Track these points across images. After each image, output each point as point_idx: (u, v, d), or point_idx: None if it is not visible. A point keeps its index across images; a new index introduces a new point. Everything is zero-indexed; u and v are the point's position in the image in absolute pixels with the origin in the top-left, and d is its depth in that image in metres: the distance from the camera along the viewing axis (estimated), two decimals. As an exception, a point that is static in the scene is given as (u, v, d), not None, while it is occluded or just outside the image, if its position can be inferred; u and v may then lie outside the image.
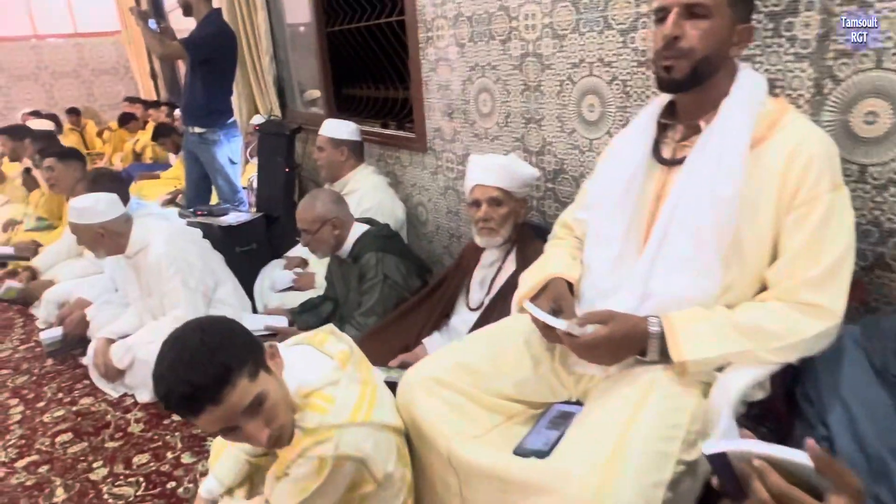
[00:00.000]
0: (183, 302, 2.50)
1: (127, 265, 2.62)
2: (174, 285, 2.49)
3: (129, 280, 2.65)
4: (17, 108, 9.23)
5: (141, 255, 2.53)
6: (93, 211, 2.43)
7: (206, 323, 1.20)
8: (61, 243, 3.69)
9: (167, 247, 2.49)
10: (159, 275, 2.49)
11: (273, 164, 3.47)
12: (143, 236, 2.52)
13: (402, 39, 3.13)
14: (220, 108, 3.62)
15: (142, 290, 2.60)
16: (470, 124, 2.55)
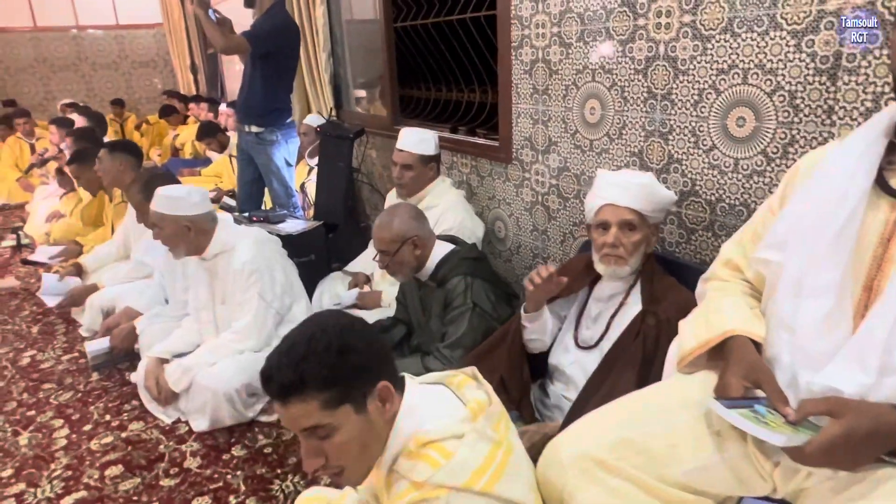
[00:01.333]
0: (250, 315, 2.30)
1: (201, 267, 2.41)
2: (250, 296, 2.29)
3: (200, 283, 2.44)
4: (56, 98, 9.19)
5: (222, 258, 2.33)
6: (185, 203, 2.25)
7: (341, 324, 1.11)
8: (111, 245, 3.48)
9: (254, 255, 2.30)
10: (238, 283, 2.29)
11: (334, 169, 3.23)
12: (228, 239, 2.33)
13: (474, 37, 2.87)
14: (280, 106, 3.39)
15: (214, 296, 2.40)
16: (570, 134, 2.27)
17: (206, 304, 2.44)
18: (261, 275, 2.31)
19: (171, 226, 2.26)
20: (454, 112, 3.43)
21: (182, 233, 2.26)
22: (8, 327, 3.30)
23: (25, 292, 3.82)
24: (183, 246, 2.31)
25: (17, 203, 6.29)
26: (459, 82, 3.34)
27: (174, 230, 2.26)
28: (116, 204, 3.70)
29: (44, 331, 3.23)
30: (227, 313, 2.38)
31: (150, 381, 2.34)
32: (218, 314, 2.39)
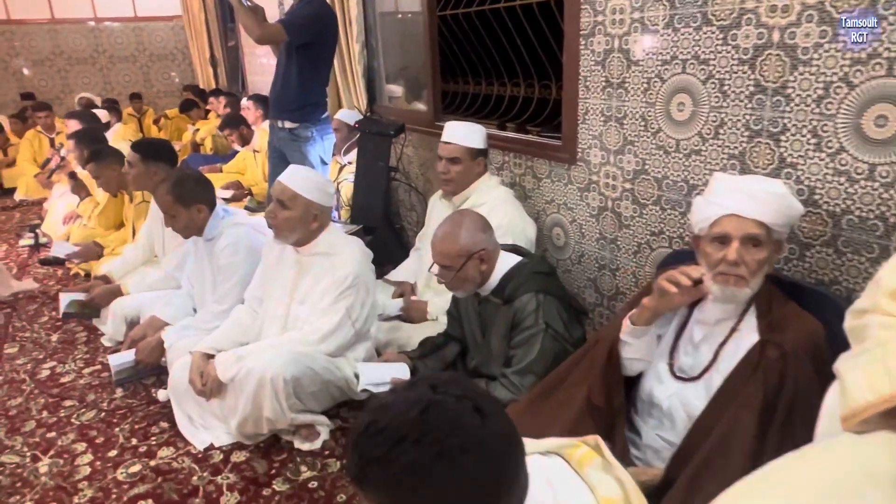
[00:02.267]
0: (332, 325, 2.12)
1: (291, 260, 2.25)
2: (338, 308, 2.12)
3: (284, 277, 2.26)
4: (73, 91, 9.02)
5: (321, 260, 2.18)
6: (322, 191, 2.17)
7: (477, 436, 0.74)
8: (136, 248, 3.28)
9: (361, 269, 2.15)
10: (332, 290, 2.13)
11: (373, 169, 3.00)
12: (335, 242, 2.20)
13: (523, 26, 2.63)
14: (316, 100, 3.16)
15: (294, 294, 2.23)
16: (652, 133, 2.02)
17: (283, 300, 2.24)
18: (357, 291, 2.15)
19: (300, 208, 2.11)
20: (497, 108, 3.19)
21: (306, 219, 2.13)
22: (26, 335, 3.11)
23: (44, 296, 3.63)
24: (299, 233, 2.16)
25: (35, 199, 6.12)
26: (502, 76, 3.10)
27: (301, 214, 2.12)
28: (137, 204, 3.50)
29: (64, 339, 3.04)
30: (303, 315, 2.19)
31: (194, 373, 2.16)
32: (292, 313, 2.21)
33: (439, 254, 1.91)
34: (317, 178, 2.21)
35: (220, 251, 2.49)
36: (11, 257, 4.43)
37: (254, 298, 2.37)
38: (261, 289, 2.35)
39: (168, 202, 2.43)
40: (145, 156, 3.01)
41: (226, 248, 2.47)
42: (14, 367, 2.78)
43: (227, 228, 2.53)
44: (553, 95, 2.81)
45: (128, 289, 3.00)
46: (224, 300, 2.48)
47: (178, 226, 2.49)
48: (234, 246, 2.48)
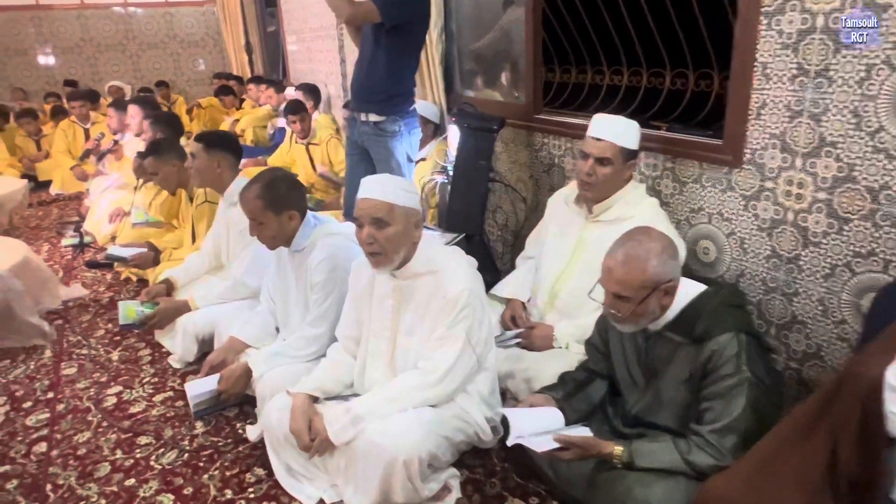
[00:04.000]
0: (453, 357, 1.77)
1: (388, 287, 1.88)
2: (456, 333, 1.76)
3: (382, 307, 1.90)
4: (103, 79, 8.75)
5: (424, 281, 1.82)
6: (411, 194, 1.82)
7: None
8: (203, 255, 2.95)
9: (472, 284, 1.80)
10: (445, 314, 1.77)
11: (474, 168, 2.63)
12: (436, 258, 1.83)
13: (641, 8, 2.26)
14: (405, 90, 2.80)
15: (399, 325, 1.88)
16: (868, 133, 1.64)
17: (385, 334, 1.89)
18: (473, 310, 1.78)
19: (401, 220, 1.74)
20: (607, 100, 2.82)
21: (409, 231, 1.77)
22: (83, 352, 2.80)
23: (96, 304, 3.33)
24: (405, 249, 1.79)
25: (71, 193, 5.84)
26: (620, 62, 2.73)
27: (405, 227, 1.75)
28: (199, 204, 3.16)
29: (126, 359, 2.72)
30: (413, 347, 1.84)
31: (298, 422, 1.78)
32: (399, 347, 1.86)
33: (618, 282, 1.54)
34: (401, 182, 1.85)
35: (313, 266, 2.15)
36: (55, 258, 4.14)
37: (348, 338, 2.01)
38: (355, 326, 1.99)
39: (257, 207, 2.10)
40: (209, 145, 2.69)
41: (321, 263, 2.13)
42: (76, 392, 2.47)
43: (320, 239, 2.18)
44: (691, 86, 2.43)
45: (196, 302, 2.67)
46: (319, 323, 2.15)
47: (266, 234, 2.15)
48: (331, 260, 2.13)
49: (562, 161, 2.82)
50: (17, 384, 2.55)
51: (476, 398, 1.90)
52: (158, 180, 3.26)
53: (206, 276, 2.98)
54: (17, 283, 2.73)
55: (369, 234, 1.74)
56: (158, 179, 3.25)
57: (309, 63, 5.94)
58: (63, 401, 2.40)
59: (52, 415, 2.31)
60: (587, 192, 2.12)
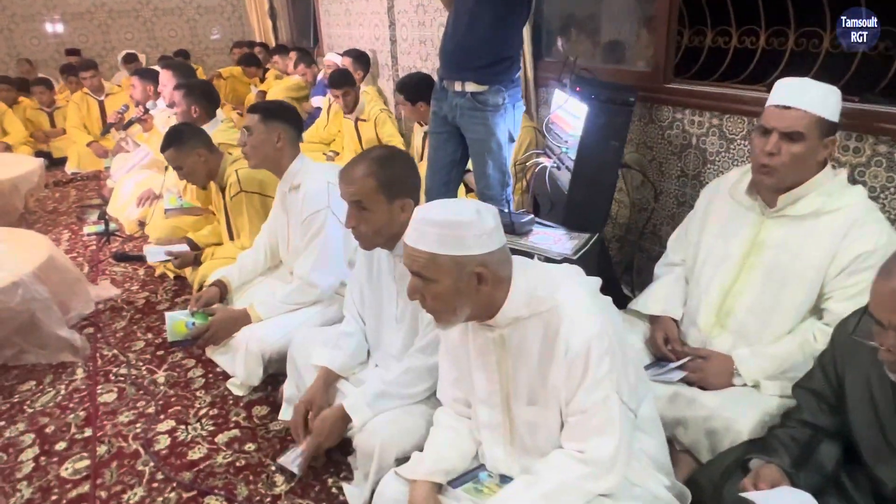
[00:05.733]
0: (613, 437, 1.23)
1: (487, 340, 1.33)
2: (601, 395, 1.22)
3: (485, 365, 1.36)
4: (115, 48, 8.20)
5: (536, 328, 1.27)
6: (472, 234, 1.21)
7: None
8: (257, 252, 2.46)
9: (604, 325, 1.24)
10: (576, 373, 1.22)
11: (603, 152, 2.11)
12: (534, 293, 1.26)
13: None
14: (513, 54, 2.28)
15: (513, 389, 1.34)
16: None
17: (495, 400, 1.38)
18: (613, 357, 1.24)
19: (449, 277, 1.19)
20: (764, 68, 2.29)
21: (470, 289, 1.21)
22: (121, 371, 2.33)
23: (130, 307, 2.85)
24: (469, 307, 1.25)
25: (89, 172, 5.35)
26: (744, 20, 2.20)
27: (455, 284, 1.20)
28: (233, 196, 2.62)
29: (175, 381, 2.25)
30: (541, 420, 1.33)
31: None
32: (519, 418, 1.34)
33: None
34: (456, 219, 1.19)
35: None
36: (77, 249, 3.65)
37: (456, 402, 1.49)
38: (460, 386, 1.47)
39: (368, 188, 1.57)
40: (267, 115, 2.19)
41: None
42: (118, 428, 2.00)
43: None
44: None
45: (258, 312, 2.19)
46: (433, 350, 1.65)
47: (368, 227, 1.62)
48: None
49: (702, 141, 2.30)
50: (45, 415, 2.09)
51: (645, 461, 1.40)
52: (184, 174, 2.71)
53: (261, 277, 2.50)
54: (41, 289, 2.25)
55: (415, 289, 1.25)
56: (184, 174, 2.69)
57: (347, 28, 5.36)
58: (104, 441, 1.94)
59: (93, 462, 1.85)
60: (767, 178, 1.59)
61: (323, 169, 2.28)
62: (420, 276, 1.22)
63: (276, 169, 2.27)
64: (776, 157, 1.54)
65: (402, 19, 4.29)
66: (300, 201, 2.18)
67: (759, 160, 1.58)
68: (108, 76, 7.28)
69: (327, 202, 2.14)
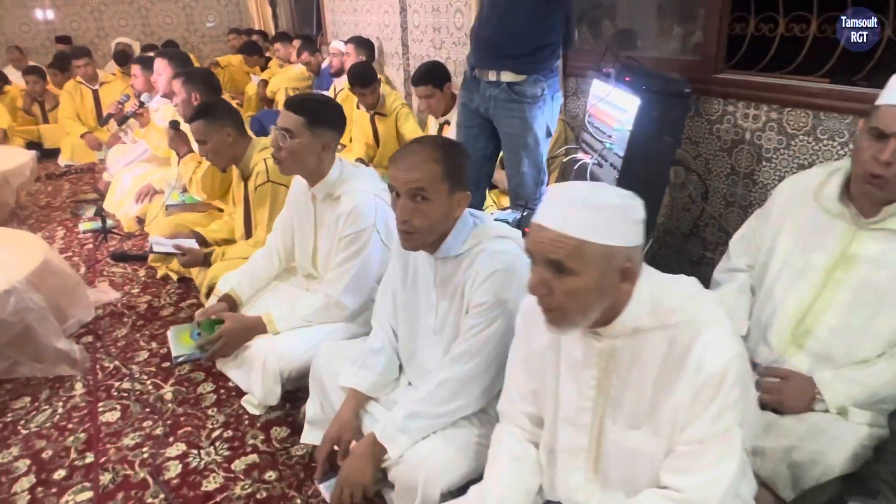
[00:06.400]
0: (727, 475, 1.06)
1: (593, 350, 1.14)
2: (724, 429, 1.05)
3: (573, 378, 1.18)
4: (109, 35, 7.95)
5: (655, 339, 1.09)
6: (624, 219, 1.07)
7: None
8: (270, 255, 2.26)
9: (738, 346, 1.07)
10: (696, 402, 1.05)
11: (656, 149, 1.93)
12: (662, 307, 1.09)
13: None
14: (554, 41, 2.09)
15: (624, 407, 1.14)
16: None
17: (583, 419, 1.18)
18: (744, 387, 1.05)
19: (597, 270, 1.01)
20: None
21: (611, 284, 1.03)
22: (124, 385, 2.14)
23: (131, 312, 2.65)
24: (598, 309, 1.06)
25: (83, 164, 5.13)
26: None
27: (598, 281, 1.01)
28: (259, 185, 2.44)
29: (183, 398, 2.06)
30: (643, 447, 1.14)
31: None
32: (611, 443, 1.15)
33: None
34: (612, 198, 1.03)
35: (476, 282, 1.45)
36: (72, 247, 3.44)
37: (523, 416, 1.31)
38: (535, 401, 1.29)
39: (433, 175, 1.37)
40: (313, 120, 1.89)
41: (489, 280, 1.42)
42: (123, 453, 1.81)
43: (483, 245, 1.49)
44: None
45: (276, 325, 2.00)
46: (468, 358, 1.45)
47: (426, 220, 1.39)
48: (504, 277, 1.44)
49: (757, 137, 2.12)
50: (42, 437, 1.89)
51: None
52: (207, 151, 2.48)
53: (274, 281, 2.31)
54: (36, 298, 2.05)
55: (542, 282, 1.05)
56: (207, 150, 2.47)
57: (354, 14, 5.14)
58: (108, 468, 1.75)
59: (96, 493, 1.66)
60: (877, 191, 1.40)
61: (365, 177, 2.03)
62: (559, 266, 1.01)
63: (311, 177, 1.99)
64: (893, 167, 1.34)
65: (414, 5, 4.08)
66: (343, 216, 1.92)
67: (869, 168, 1.37)
68: (101, 64, 7.03)
69: (373, 219, 1.93)
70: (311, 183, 2.00)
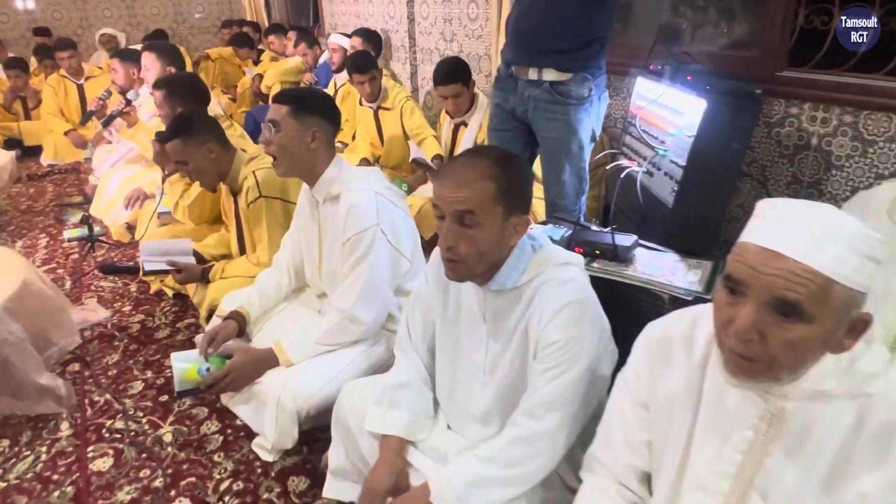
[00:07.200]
0: None
1: (761, 415, 0.90)
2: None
3: (734, 445, 0.92)
4: (93, 26, 7.61)
5: (843, 409, 0.86)
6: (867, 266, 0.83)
7: None
8: (279, 274, 2.02)
9: None
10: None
11: (722, 157, 1.70)
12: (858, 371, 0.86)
13: None
14: (603, 35, 1.85)
15: (789, 486, 0.90)
16: None
17: (722, 487, 0.93)
18: None
19: (831, 318, 0.79)
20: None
21: (836, 342, 0.82)
22: (117, 425, 1.89)
23: (123, 334, 2.40)
24: (808, 366, 0.84)
25: (67, 164, 4.84)
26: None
27: (832, 332, 0.80)
28: (252, 202, 2.17)
29: (185, 440, 1.81)
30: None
31: None
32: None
33: None
34: (858, 229, 0.79)
35: (545, 319, 1.19)
36: (57, 257, 3.17)
37: (629, 470, 1.07)
38: (650, 454, 1.05)
39: (485, 195, 1.13)
40: (297, 108, 1.72)
41: (563, 314, 1.19)
42: (118, 511, 1.57)
43: (549, 274, 1.24)
44: None
45: (289, 356, 1.76)
46: (545, 414, 1.20)
47: (472, 249, 1.16)
48: (578, 310, 1.20)
49: (826, 142, 1.90)
50: (23, 492, 1.64)
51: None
52: (190, 171, 2.21)
53: (283, 303, 2.07)
54: (14, 328, 1.79)
55: (757, 325, 0.81)
56: (189, 170, 2.20)
57: (355, 5, 4.87)
58: (100, 530, 1.51)
59: (87, 566, 1.42)
60: None
61: (365, 176, 1.85)
62: (792, 309, 0.78)
63: (308, 175, 1.81)
64: None
65: (422, -6, 3.83)
66: (341, 217, 1.74)
67: None
68: (85, 57, 6.71)
69: (376, 218, 1.71)
70: (311, 183, 1.81)
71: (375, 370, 1.76)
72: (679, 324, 1.02)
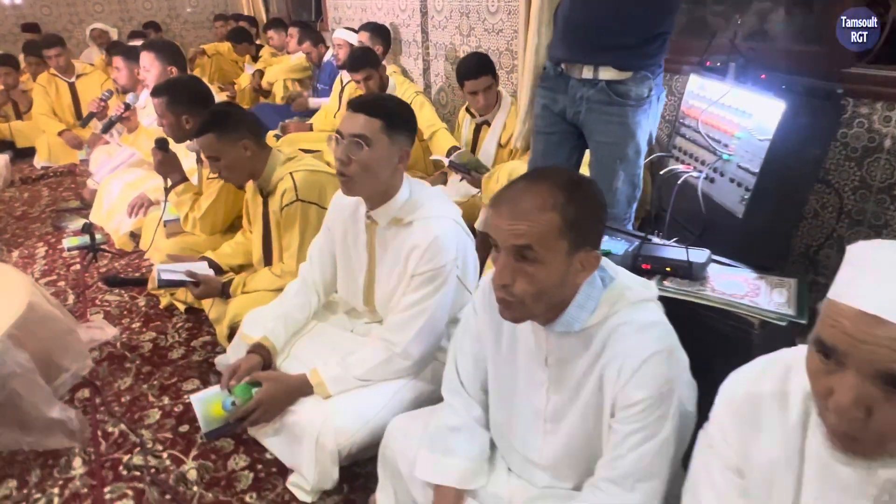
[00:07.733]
0: None
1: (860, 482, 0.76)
2: None
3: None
4: (84, 21, 7.41)
5: None
6: None
7: None
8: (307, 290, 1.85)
9: None
10: None
11: (798, 164, 1.55)
12: None
13: None
14: (667, 29, 1.69)
15: None
16: None
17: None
18: None
19: None
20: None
21: None
22: (134, 458, 1.72)
23: (135, 355, 2.23)
24: None
25: (63, 165, 4.63)
26: None
27: None
28: (287, 205, 2.04)
29: (212, 478, 1.65)
30: None
31: None
32: None
33: None
34: None
35: (630, 376, 1.05)
36: (57, 269, 2.99)
37: None
38: None
39: (549, 229, 0.99)
40: (391, 124, 1.51)
41: (647, 367, 1.03)
42: (144, 566, 1.41)
43: (624, 315, 1.09)
44: None
45: (327, 387, 1.60)
46: (632, 482, 1.06)
47: (531, 288, 1.01)
48: (665, 362, 1.05)
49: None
50: (35, 542, 1.48)
51: None
52: (220, 167, 2.07)
53: (313, 321, 1.91)
54: (21, 358, 1.62)
55: (861, 402, 0.68)
56: (220, 166, 2.06)
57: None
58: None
59: None
60: None
61: (440, 201, 1.64)
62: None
63: (378, 197, 1.58)
64: None
65: (437, -13, 3.65)
66: (419, 250, 1.53)
67: None
68: (76, 54, 6.49)
69: (455, 252, 1.55)
70: (373, 205, 1.60)
71: (421, 403, 1.61)
72: (768, 378, 0.88)
